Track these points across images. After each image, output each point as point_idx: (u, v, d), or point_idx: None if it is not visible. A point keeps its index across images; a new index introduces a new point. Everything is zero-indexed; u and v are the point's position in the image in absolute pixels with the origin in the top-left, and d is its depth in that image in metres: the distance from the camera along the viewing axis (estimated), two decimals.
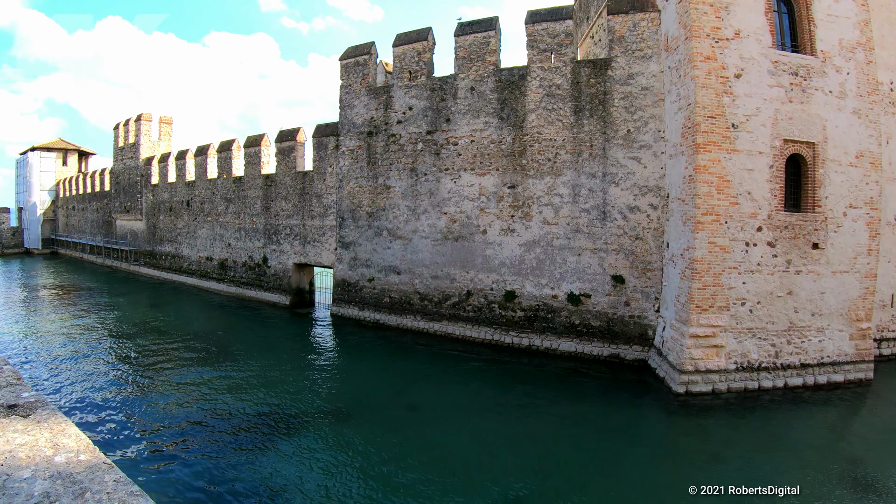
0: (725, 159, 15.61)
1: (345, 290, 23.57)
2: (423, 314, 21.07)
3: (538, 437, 12.79)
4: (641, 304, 18.17)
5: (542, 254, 19.28)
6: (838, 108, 16.65)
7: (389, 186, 22.51)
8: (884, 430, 14.35)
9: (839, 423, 15.04)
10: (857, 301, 16.95)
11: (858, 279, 16.91)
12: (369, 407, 14.37)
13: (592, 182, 18.78)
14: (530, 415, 14.12)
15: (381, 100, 23.20)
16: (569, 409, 14.62)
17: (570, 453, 12.00)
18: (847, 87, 16.79)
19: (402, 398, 15.16)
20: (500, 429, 13.23)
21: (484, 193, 20.33)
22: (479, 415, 14.10)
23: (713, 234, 15.58)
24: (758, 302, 16.00)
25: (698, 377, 15.50)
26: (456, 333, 20.27)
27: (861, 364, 16.99)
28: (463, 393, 15.71)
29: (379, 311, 22.25)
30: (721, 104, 15.62)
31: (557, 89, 19.55)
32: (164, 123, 41.40)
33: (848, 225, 16.77)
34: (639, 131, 18.41)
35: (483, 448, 12.09)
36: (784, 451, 12.71)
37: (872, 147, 17.10)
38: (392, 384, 16.42)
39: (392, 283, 22.09)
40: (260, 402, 14.45)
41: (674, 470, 11.78)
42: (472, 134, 20.82)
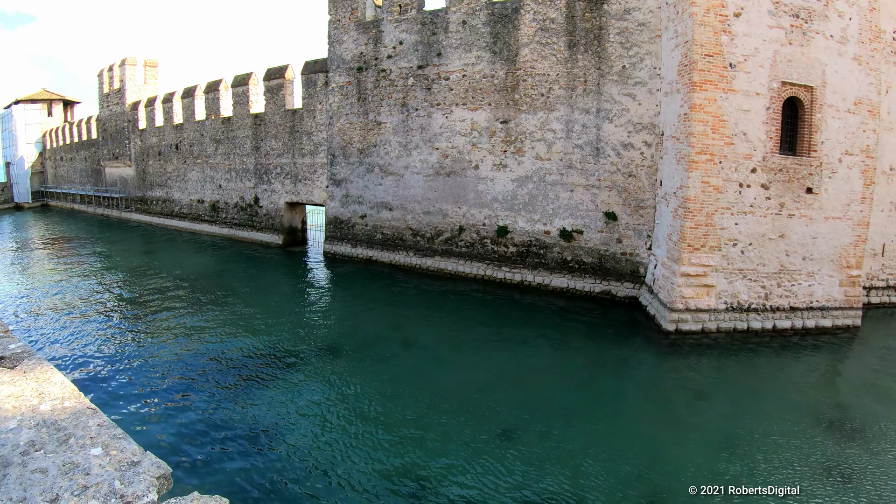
0: (722, 99, 14.99)
1: (337, 227, 22.97)
2: (416, 250, 20.60)
3: (530, 373, 12.60)
4: (633, 242, 17.79)
5: (535, 189, 18.72)
6: (839, 54, 15.96)
7: (380, 122, 21.65)
8: (869, 377, 14.21)
9: (825, 367, 14.91)
10: (849, 248, 16.65)
11: (851, 226, 16.56)
12: (363, 344, 14.07)
13: (586, 118, 18.08)
14: (521, 350, 13.90)
15: (370, 34, 22.07)
16: (559, 345, 14.43)
17: (561, 389, 11.83)
18: (849, 32, 16.06)
19: (396, 334, 14.89)
20: (492, 364, 13.01)
21: (476, 128, 19.57)
22: (472, 349, 13.88)
23: (707, 174, 15.09)
24: (749, 243, 15.68)
25: (688, 316, 15.29)
26: (448, 269, 19.87)
27: (849, 311, 16.80)
28: (455, 329, 15.45)
29: (371, 248, 21.74)
30: (719, 43, 14.88)
31: (552, 23, 18.60)
32: (149, 67, 39.53)
33: (843, 171, 16.32)
34: (634, 68, 17.64)
35: (475, 383, 11.83)
36: (769, 393, 12.56)
37: (872, 95, 16.50)
38: (385, 320, 16.10)
39: (384, 220, 21.51)
40: (255, 342, 14.03)
41: (660, 407, 11.68)
42: (463, 68, 19.90)
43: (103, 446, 2.59)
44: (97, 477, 2.43)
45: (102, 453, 2.56)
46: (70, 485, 2.38)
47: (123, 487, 2.37)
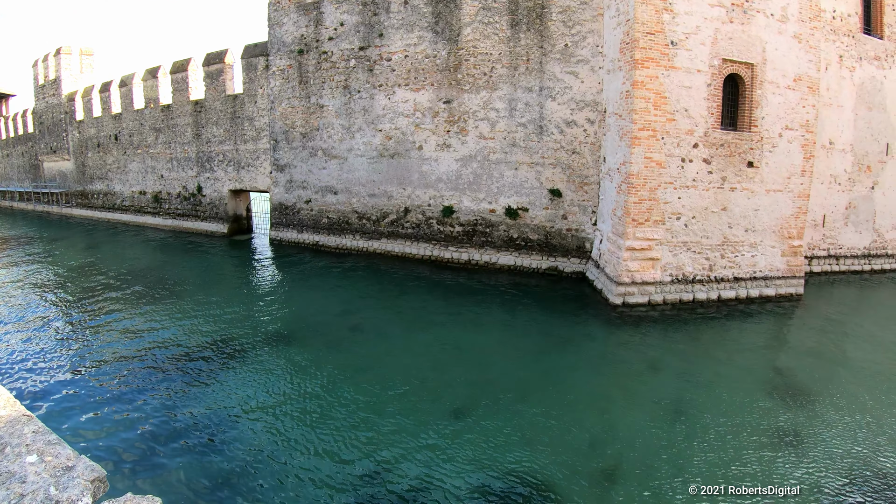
0: (663, 76, 14.85)
1: (282, 213, 21.94)
2: (362, 233, 19.83)
3: (481, 351, 12.30)
4: (579, 218, 17.52)
5: (479, 168, 18.20)
6: (779, 32, 16.02)
7: (323, 105, 20.71)
8: (812, 342, 14.38)
9: (771, 334, 15.05)
10: (790, 219, 16.86)
11: (791, 198, 16.77)
12: (314, 329, 13.42)
13: (529, 96, 17.67)
14: (472, 329, 13.60)
15: (311, 16, 21.10)
16: (510, 321, 14.16)
17: (512, 366, 11.57)
18: (789, 11, 16.14)
19: (346, 318, 14.27)
20: (443, 344, 12.65)
21: (419, 109, 18.89)
22: (423, 330, 13.48)
23: (649, 150, 14.95)
24: (693, 217, 15.65)
25: (635, 289, 15.20)
26: (395, 251, 19.19)
27: (792, 279, 17.07)
28: (405, 309, 14.98)
29: (318, 233, 20.83)
30: (661, 21, 14.70)
31: (494, 2, 18.08)
32: (85, 55, 37.14)
33: (783, 146, 16.46)
34: (576, 46, 17.33)
35: (427, 363, 11.55)
36: (717, 361, 12.58)
37: (811, 72, 16.65)
38: (334, 305, 15.42)
39: (329, 204, 20.62)
40: (202, 335, 13.18)
41: (611, 379, 11.55)
42: (405, 49, 19.18)
43: (38, 453, 2.59)
44: (33, 484, 2.41)
45: (38, 460, 2.55)
46: (7, 494, 2.37)
47: (58, 493, 2.37)
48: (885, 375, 12.49)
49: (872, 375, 12.47)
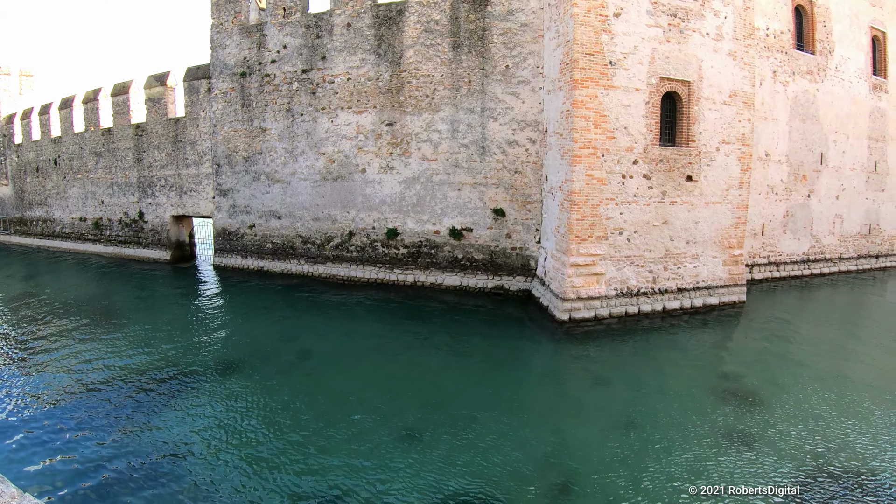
0: (602, 95, 15.15)
1: (226, 239, 21.53)
2: (307, 258, 19.54)
3: (430, 372, 12.30)
4: (523, 236, 17.67)
5: (423, 190, 18.20)
6: (714, 50, 16.57)
7: (265, 129, 20.50)
8: (757, 347, 14.79)
9: (715, 342, 15.45)
10: (730, 230, 17.33)
11: (731, 209, 17.25)
12: (262, 356, 13.16)
13: (471, 117, 17.83)
14: (421, 351, 13.56)
15: (254, 38, 20.96)
16: (457, 342, 14.13)
17: (462, 386, 11.56)
18: (724, 30, 16.73)
19: (293, 345, 14.05)
20: (392, 367, 12.60)
21: (362, 132, 18.84)
22: (371, 354, 13.35)
23: (590, 167, 15.20)
24: (635, 231, 15.93)
25: (580, 304, 15.33)
26: (341, 275, 18.95)
27: (734, 287, 17.52)
28: (353, 334, 14.81)
29: (262, 258, 20.44)
30: (599, 42, 15.07)
31: (436, 25, 18.27)
32: (24, 77, 36.03)
33: (721, 159, 16.95)
34: (517, 67, 17.61)
35: (377, 387, 11.46)
36: (665, 370, 12.84)
37: (746, 87, 17.26)
38: (281, 331, 15.17)
39: (273, 229, 20.31)
40: (147, 366, 12.76)
41: (562, 394, 11.69)
42: (348, 71, 19.19)
43: None
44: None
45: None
46: None
47: None
48: (829, 375, 12.93)
49: (817, 376, 12.88)
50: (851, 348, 15.29)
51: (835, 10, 21.90)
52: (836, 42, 21.94)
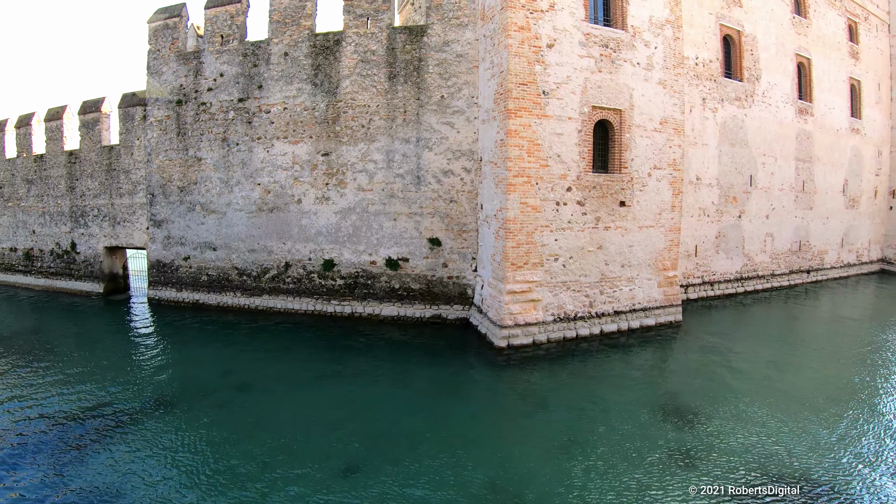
0: (536, 124, 15.48)
1: (160, 271, 21.06)
2: (243, 290, 19.21)
3: (370, 404, 12.23)
4: (459, 265, 17.81)
5: (359, 220, 18.17)
6: (645, 79, 17.11)
7: (200, 158, 20.21)
8: (694, 365, 15.20)
9: (654, 361, 15.77)
10: (663, 252, 17.80)
11: (664, 232, 17.72)
12: (198, 392, 12.91)
13: (406, 147, 17.96)
14: (360, 382, 13.50)
15: (191, 66, 20.71)
16: (397, 372, 14.12)
17: (403, 416, 11.55)
18: (654, 59, 17.28)
19: (231, 379, 13.72)
20: (331, 399, 12.51)
21: (297, 162, 18.73)
22: (309, 387, 13.25)
23: (525, 195, 15.47)
24: (570, 257, 16.22)
25: (518, 331, 15.50)
26: (278, 307, 18.69)
27: (670, 308, 18.01)
28: (291, 367, 14.63)
29: (197, 291, 20.01)
30: (533, 72, 15.42)
31: (373, 55, 18.41)
32: None
33: (653, 184, 17.42)
34: (452, 97, 17.85)
35: (316, 419, 11.41)
36: (605, 392, 13.09)
37: (676, 115, 17.83)
38: (218, 366, 14.81)
39: (209, 260, 19.94)
40: (80, 403, 12.34)
41: (503, 421, 11.80)
42: (284, 101, 19.11)
43: None
44: None
45: None
46: None
47: None
48: (767, 388, 13.42)
49: (755, 390, 13.34)
50: (786, 361, 15.87)
51: (762, 40, 22.95)
52: (763, 69, 22.97)
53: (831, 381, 14.22)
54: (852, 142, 27.55)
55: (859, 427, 11.39)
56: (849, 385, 13.93)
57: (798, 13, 24.90)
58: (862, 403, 12.74)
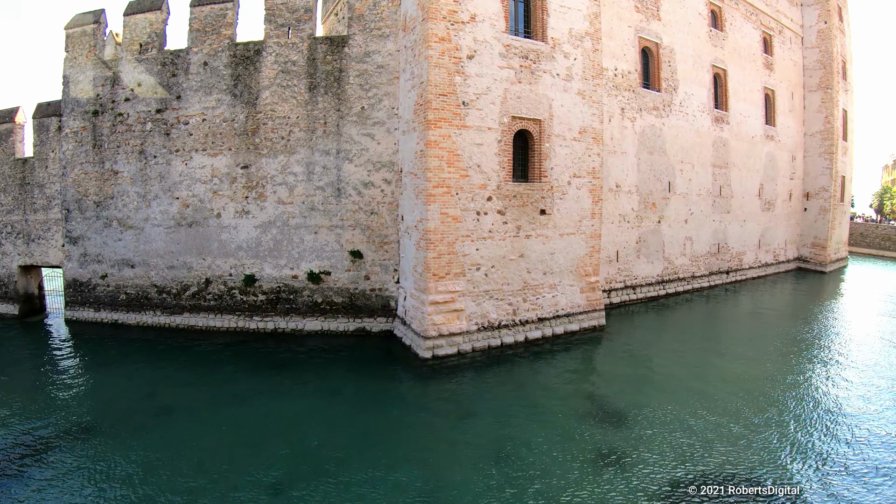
0: (456, 135, 15.32)
1: (77, 290, 19.94)
2: (163, 308, 18.33)
3: (296, 421, 11.91)
4: (381, 277, 17.50)
5: (279, 234, 17.61)
6: (564, 90, 17.18)
7: (117, 171, 19.22)
8: (618, 368, 15.49)
9: (579, 366, 15.86)
10: (585, 258, 17.90)
11: (584, 239, 17.83)
12: (119, 416, 12.20)
13: (326, 159, 17.53)
14: (284, 398, 13.11)
15: (108, 75, 19.68)
16: (322, 388, 13.75)
17: (330, 432, 11.25)
18: (574, 71, 17.37)
19: (152, 401, 13.05)
20: (257, 418, 12.08)
21: (217, 175, 18.01)
22: (234, 406, 12.73)
23: (445, 206, 15.31)
24: (492, 266, 16.13)
25: (443, 341, 15.31)
26: (199, 325, 17.91)
27: (593, 313, 18.14)
28: (213, 386, 14.04)
29: (116, 311, 18.96)
30: (453, 83, 15.27)
31: (293, 66, 17.91)
32: None
33: (572, 192, 17.49)
34: (373, 108, 17.54)
35: (242, 439, 11.00)
36: (532, 399, 13.10)
37: (595, 124, 17.96)
38: (139, 388, 14.03)
39: (127, 278, 18.97)
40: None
41: (431, 432, 11.62)
42: (203, 112, 18.38)
43: None
44: None
45: None
46: None
47: None
48: (691, 387, 13.76)
49: (679, 388, 13.68)
50: (707, 360, 16.33)
51: (679, 52, 23.52)
52: (681, 80, 23.54)
53: (751, 377, 14.68)
54: (767, 148, 28.61)
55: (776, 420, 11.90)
56: (767, 380, 14.45)
57: (715, 26, 25.67)
58: (778, 397, 13.29)
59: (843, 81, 32.79)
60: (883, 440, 10.96)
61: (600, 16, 18.40)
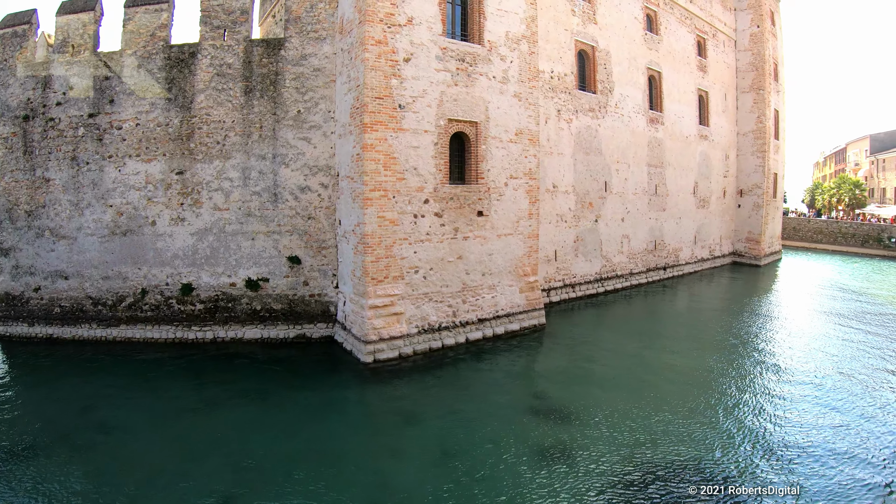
0: (392, 138, 15.21)
1: (9, 304, 18.98)
2: (99, 321, 17.64)
3: (240, 432, 11.68)
4: (320, 283, 17.32)
5: (216, 241, 17.20)
6: (500, 92, 17.23)
7: (49, 179, 18.46)
8: (560, 365, 15.67)
9: (521, 365, 15.98)
10: (523, 258, 18.03)
11: (522, 239, 17.94)
12: (57, 435, 11.68)
13: (263, 164, 17.23)
14: (227, 409, 12.79)
15: (39, 77, 18.81)
16: (264, 397, 13.46)
17: (275, 442, 11.03)
18: (510, 73, 17.43)
19: (91, 418, 12.52)
20: (201, 431, 11.79)
21: (151, 181, 17.47)
22: (176, 419, 12.36)
23: (382, 209, 15.19)
24: (431, 268, 16.10)
25: (383, 345, 15.21)
26: (137, 337, 17.31)
27: (533, 312, 18.28)
28: (153, 400, 13.60)
29: (51, 325, 18.11)
30: (389, 86, 15.15)
31: (229, 68, 17.53)
32: None
33: (509, 194, 17.57)
34: (309, 112, 17.32)
35: (185, 453, 10.73)
36: (476, 399, 13.16)
37: (531, 126, 18.08)
38: (77, 405, 13.38)
39: (61, 290, 18.21)
40: None
41: (376, 437, 11.59)
42: (137, 117, 17.81)
43: None
44: None
45: None
46: None
47: None
48: (629, 382, 14.01)
49: (619, 384, 13.93)
50: (647, 354, 16.67)
51: (615, 54, 23.97)
52: (616, 82, 24.02)
53: (689, 369, 15.11)
54: (701, 147, 29.49)
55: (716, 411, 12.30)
56: (706, 372, 14.89)
57: (650, 30, 26.26)
58: (717, 387, 13.74)
59: (774, 83, 34.03)
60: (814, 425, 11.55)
61: (537, 19, 18.61)
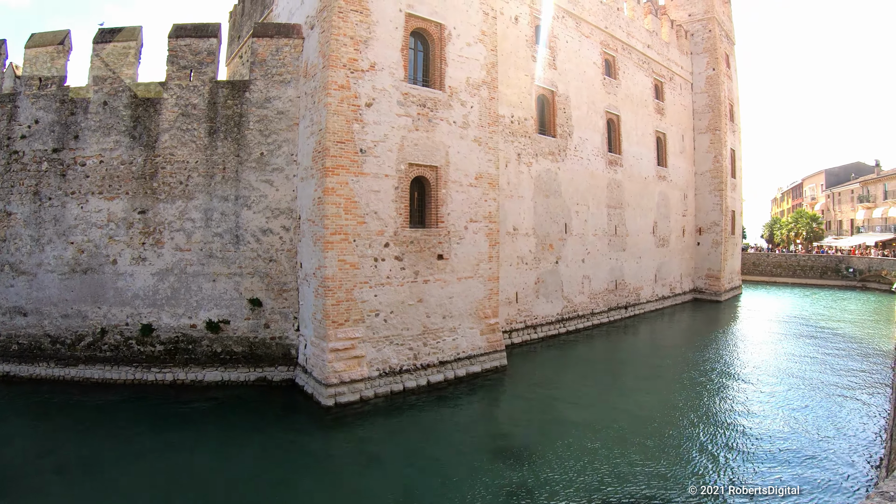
0: (353, 182, 15.37)
1: None
2: (57, 359, 17.31)
3: (198, 477, 11.38)
4: (281, 325, 17.30)
5: (177, 282, 17.14)
6: (461, 137, 17.51)
7: (10, 213, 18.19)
8: (522, 406, 15.72)
9: (483, 407, 16.01)
10: (484, 301, 18.16)
11: (483, 282, 18.09)
12: (11, 479, 11.31)
13: (225, 205, 17.28)
14: (186, 453, 12.52)
15: (5, 109, 18.65)
16: (224, 441, 13.24)
17: (234, 488, 10.84)
18: (470, 118, 17.72)
19: (47, 460, 12.13)
20: (159, 474, 11.49)
21: (113, 220, 17.37)
22: (135, 462, 12.03)
23: (342, 253, 15.28)
24: (391, 312, 16.15)
25: (344, 388, 15.15)
26: (95, 377, 16.99)
27: (494, 354, 18.34)
28: (111, 442, 13.23)
29: (8, 362, 17.64)
30: (351, 130, 15.33)
31: (194, 109, 17.63)
32: None
33: (469, 237, 17.77)
34: (272, 154, 17.45)
35: (144, 498, 10.54)
36: (438, 441, 13.14)
37: (491, 170, 18.36)
38: (33, 446, 12.94)
39: (19, 327, 17.85)
40: None
41: (337, 481, 11.44)
42: (101, 154, 17.75)
43: None
44: None
45: None
46: None
47: None
48: (594, 422, 14.09)
49: (582, 424, 13.96)
50: (610, 393, 16.86)
51: (574, 99, 24.69)
52: (576, 126, 24.70)
53: (654, 406, 15.33)
54: (660, 188, 30.38)
55: (680, 447, 12.49)
56: (670, 408, 15.14)
57: (609, 74, 27.12)
58: (682, 423, 14.00)
59: (730, 123, 35.31)
60: (778, 458, 11.73)
61: (497, 65, 19.06)
